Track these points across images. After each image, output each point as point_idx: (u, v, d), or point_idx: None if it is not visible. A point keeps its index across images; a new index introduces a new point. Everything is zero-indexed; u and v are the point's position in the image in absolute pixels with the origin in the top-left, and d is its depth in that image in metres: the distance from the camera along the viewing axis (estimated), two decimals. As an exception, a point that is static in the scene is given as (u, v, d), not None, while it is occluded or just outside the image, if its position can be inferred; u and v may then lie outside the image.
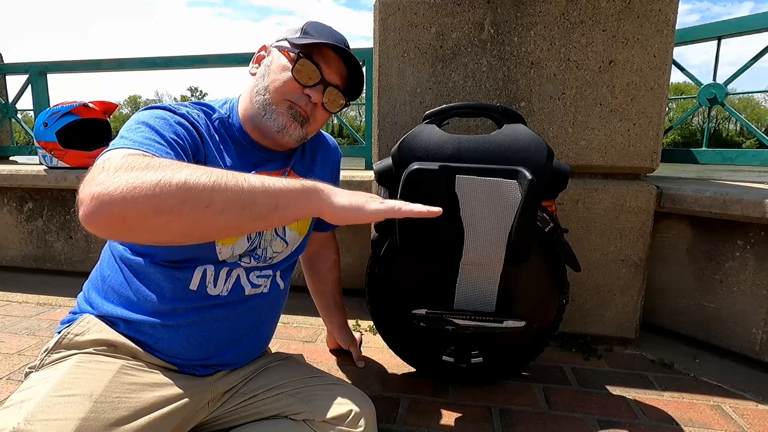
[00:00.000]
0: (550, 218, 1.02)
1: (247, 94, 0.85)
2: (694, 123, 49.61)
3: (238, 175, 0.59)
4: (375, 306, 1.14)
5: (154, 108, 0.76)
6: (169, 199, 0.52)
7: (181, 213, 0.53)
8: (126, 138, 0.66)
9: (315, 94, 0.81)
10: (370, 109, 1.91)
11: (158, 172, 0.53)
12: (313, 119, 0.85)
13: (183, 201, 0.53)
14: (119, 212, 0.51)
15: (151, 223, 0.53)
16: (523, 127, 1.02)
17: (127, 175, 0.52)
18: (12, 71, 2.54)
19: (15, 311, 1.67)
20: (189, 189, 0.53)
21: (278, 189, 0.61)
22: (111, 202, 0.50)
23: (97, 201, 0.51)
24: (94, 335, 0.76)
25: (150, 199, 0.51)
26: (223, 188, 0.56)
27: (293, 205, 0.63)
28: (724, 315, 1.38)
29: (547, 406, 1.09)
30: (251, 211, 0.58)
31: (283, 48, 0.82)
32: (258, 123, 0.83)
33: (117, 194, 0.50)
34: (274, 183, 0.61)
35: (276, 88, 0.80)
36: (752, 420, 1.05)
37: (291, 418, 0.80)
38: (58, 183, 2.01)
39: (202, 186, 0.54)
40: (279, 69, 0.81)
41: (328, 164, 1.03)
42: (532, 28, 1.32)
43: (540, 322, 1.09)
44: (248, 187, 0.58)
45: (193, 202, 0.53)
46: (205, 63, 2.31)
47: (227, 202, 0.56)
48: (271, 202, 0.60)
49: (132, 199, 0.50)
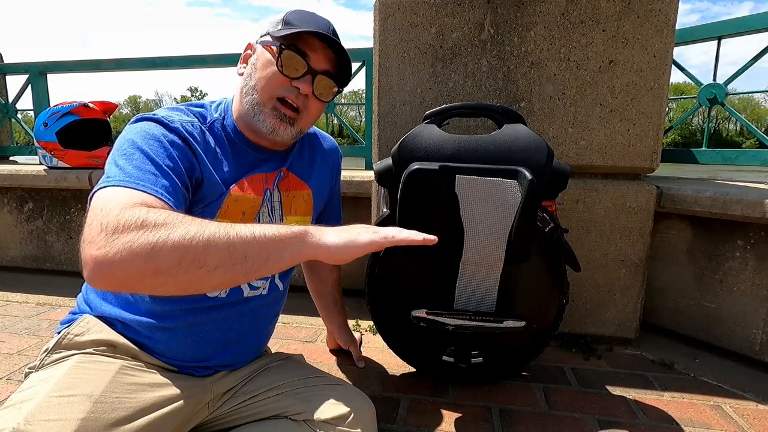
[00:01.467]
0: (550, 218, 1.02)
1: (238, 95, 0.84)
2: (694, 123, 49.60)
3: (230, 230, 0.59)
4: (375, 306, 1.14)
5: (147, 120, 0.75)
6: (165, 262, 0.55)
7: (177, 274, 0.56)
8: (121, 169, 0.65)
9: (304, 85, 0.78)
10: (370, 109, 1.90)
11: (153, 232, 0.55)
12: (305, 112, 0.82)
13: (178, 263, 0.55)
14: (120, 275, 0.54)
15: (149, 283, 0.56)
16: (523, 127, 1.02)
17: (124, 237, 0.54)
18: (12, 71, 2.54)
19: (15, 311, 1.67)
20: (183, 250, 0.55)
21: (269, 239, 0.61)
22: (111, 267, 0.54)
23: (98, 266, 0.54)
24: (93, 335, 0.76)
25: (147, 262, 0.54)
26: (215, 246, 0.57)
27: (285, 252, 0.63)
28: (724, 315, 1.38)
29: (547, 406, 1.09)
30: (243, 266, 0.59)
31: (266, 43, 0.80)
32: (249, 123, 0.82)
33: (116, 259, 0.53)
34: (265, 233, 0.62)
35: (263, 86, 0.79)
36: (752, 420, 1.05)
37: (291, 419, 0.80)
38: (58, 183, 2.01)
39: (195, 246, 0.56)
40: (264, 65, 0.79)
41: (327, 166, 1.02)
42: (532, 28, 1.32)
43: (540, 322, 1.09)
44: (240, 243, 0.59)
45: (187, 263, 0.56)
46: (205, 63, 2.31)
47: (220, 260, 0.58)
48: (262, 254, 0.61)
49: (130, 263, 0.54)
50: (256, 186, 0.84)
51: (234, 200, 0.80)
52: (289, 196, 0.91)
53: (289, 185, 0.91)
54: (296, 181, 0.93)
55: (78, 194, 2.11)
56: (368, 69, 2.01)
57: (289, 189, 0.91)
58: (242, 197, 0.82)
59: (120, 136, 0.73)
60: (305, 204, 0.95)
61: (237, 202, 0.81)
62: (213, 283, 0.59)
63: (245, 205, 0.82)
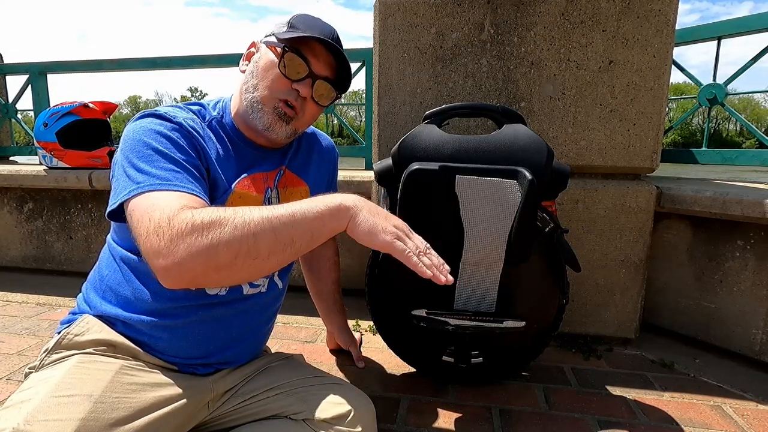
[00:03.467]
0: (550, 218, 1.02)
1: (238, 92, 0.85)
2: (694, 123, 49.61)
3: (272, 217, 0.64)
4: (375, 306, 1.14)
5: (150, 116, 0.75)
6: (224, 258, 0.61)
7: (236, 266, 0.63)
8: (146, 173, 0.68)
9: (303, 88, 0.80)
10: (370, 109, 1.91)
11: (206, 234, 0.61)
12: (302, 114, 0.83)
13: (235, 257, 0.62)
14: (188, 276, 0.62)
15: (215, 278, 0.64)
16: (523, 127, 1.02)
17: (183, 244, 0.61)
18: (12, 71, 2.54)
19: (15, 311, 1.67)
20: (236, 245, 0.62)
21: (312, 218, 0.67)
22: (179, 272, 0.61)
23: (168, 273, 0.62)
24: (93, 335, 0.76)
25: (207, 262, 0.61)
26: (263, 236, 0.63)
27: (326, 228, 0.69)
28: (724, 315, 1.38)
29: (546, 406, 1.09)
30: (292, 248, 0.66)
31: (270, 44, 0.81)
32: (247, 120, 0.83)
33: (181, 265, 0.61)
34: (305, 213, 0.67)
35: (265, 85, 0.80)
36: (752, 420, 1.05)
37: (291, 418, 0.80)
38: (58, 183, 2.01)
39: (246, 239, 0.62)
40: (267, 65, 0.80)
41: (324, 164, 1.02)
42: (532, 28, 1.32)
43: (540, 322, 1.09)
44: (284, 228, 0.65)
45: (243, 256, 0.62)
46: (205, 63, 2.31)
47: (270, 248, 0.64)
48: (306, 234, 0.67)
49: (194, 265, 0.61)
50: (258, 184, 0.85)
51: (238, 197, 0.81)
52: (286, 192, 0.91)
53: (287, 182, 0.92)
54: (293, 178, 0.93)
55: (78, 194, 2.11)
56: (368, 69, 2.01)
57: (286, 186, 0.91)
58: (246, 195, 0.82)
59: (126, 136, 0.74)
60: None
61: (241, 199, 0.82)
62: (270, 266, 0.66)
63: (248, 203, 0.83)
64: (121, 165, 0.71)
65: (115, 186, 0.71)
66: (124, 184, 0.69)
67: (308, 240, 0.67)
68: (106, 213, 0.72)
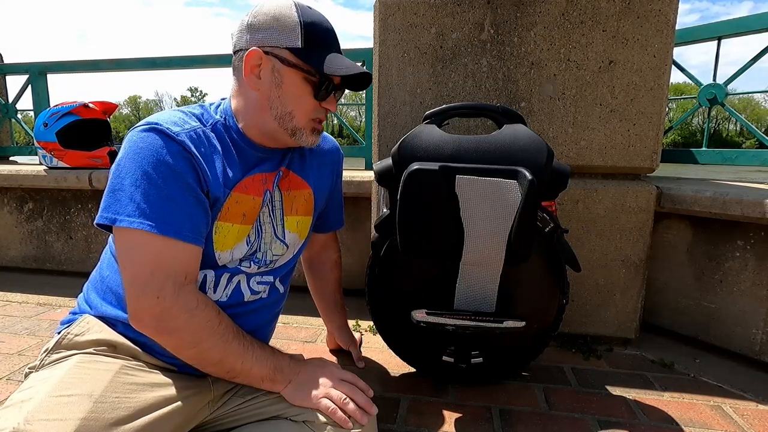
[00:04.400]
0: (550, 218, 1.02)
1: (256, 111, 0.81)
2: (694, 123, 49.57)
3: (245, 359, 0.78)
4: (375, 306, 1.14)
5: (151, 131, 0.73)
6: (190, 350, 0.75)
7: (193, 360, 0.77)
8: (146, 203, 0.70)
9: (332, 106, 0.85)
10: (370, 109, 1.91)
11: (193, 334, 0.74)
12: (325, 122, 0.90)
13: (199, 360, 0.77)
14: (148, 332, 0.74)
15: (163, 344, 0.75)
16: (523, 127, 1.02)
17: (172, 324, 0.72)
18: (12, 71, 2.54)
19: (15, 311, 1.67)
20: (204, 349, 0.75)
21: (255, 379, 0.80)
22: (152, 333, 0.74)
23: (142, 326, 0.73)
24: (94, 335, 0.76)
25: (184, 350, 0.75)
26: (228, 363, 0.77)
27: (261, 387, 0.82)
28: (724, 315, 1.38)
29: (546, 406, 1.09)
30: (231, 376, 0.80)
31: (289, 63, 0.77)
32: (281, 139, 0.85)
33: (166, 338, 0.74)
34: (257, 371, 0.79)
35: (303, 113, 0.82)
36: (752, 420, 1.05)
37: (291, 419, 0.80)
38: (58, 183, 2.01)
39: (217, 360, 0.77)
40: (299, 93, 0.80)
41: (327, 164, 1.02)
42: (532, 29, 1.32)
43: (540, 322, 1.09)
44: (240, 370, 0.78)
45: (204, 363, 0.78)
46: (205, 63, 2.31)
47: (221, 370, 0.78)
48: (245, 381, 0.81)
49: (167, 339, 0.74)
50: (256, 187, 0.84)
51: (234, 202, 0.81)
52: (290, 195, 0.91)
53: (290, 184, 0.91)
54: (297, 180, 0.93)
55: (78, 194, 2.11)
56: (368, 69, 2.01)
57: (290, 188, 0.91)
58: (243, 199, 0.82)
59: (126, 154, 0.72)
60: (306, 203, 0.95)
61: (238, 204, 0.81)
62: (207, 369, 0.79)
63: (246, 207, 0.82)
64: (119, 181, 0.70)
65: (107, 199, 0.71)
66: (118, 201, 0.70)
67: (245, 382, 0.81)
68: (96, 221, 0.72)
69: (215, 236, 0.79)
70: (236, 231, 0.82)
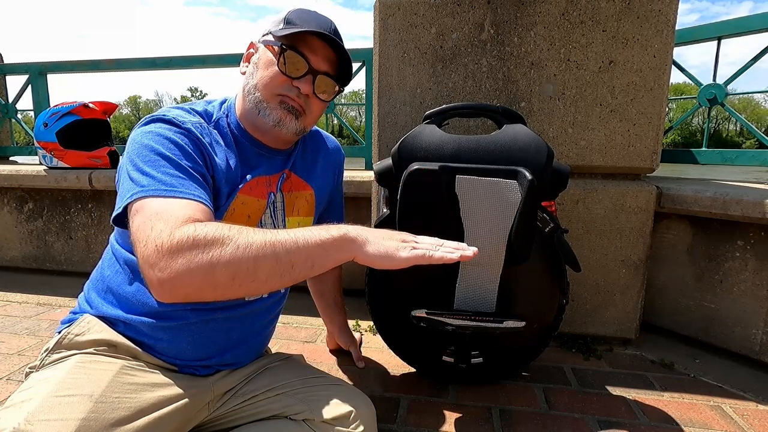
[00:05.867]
0: (550, 218, 1.02)
1: (241, 94, 0.84)
2: (694, 123, 49.54)
3: (276, 242, 0.63)
4: (375, 306, 1.14)
5: (158, 121, 0.75)
6: (221, 278, 0.60)
7: (233, 287, 0.62)
8: (151, 177, 0.68)
9: (304, 85, 0.79)
10: (370, 109, 1.91)
11: (207, 252, 0.60)
12: (308, 111, 0.83)
13: (232, 278, 0.61)
14: (182, 292, 0.61)
15: (209, 296, 0.62)
16: (523, 127, 1.02)
17: (182, 259, 0.59)
18: (12, 71, 2.54)
19: (15, 311, 1.67)
20: (235, 267, 0.60)
21: (313, 246, 0.66)
22: (174, 286, 0.60)
23: (162, 287, 0.60)
24: (94, 335, 0.76)
25: (204, 281, 0.60)
26: (264, 260, 0.62)
27: (329, 259, 0.68)
28: (724, 315, 1.38)
29: (546, 406, 1.09)
30: (291, 275, 0.65)
31: (268, 42, 0.80)
32: (254, 120, 0.82)
33: (178, 280, 0.59)
34: (308, 240, 0.66)
35: (264, 84, 0.79)
36: (752, 420, 1.05)
37: (291, 419, 0.80)
38: (58, 183, 2.01)
39: (246, 262, 0.61)
40: (266, 64, 0.80)
41: (329, 166, 1.02)
42: (532, 29, 1.32)
43: (540, 322, 1.09)
44: (285, 254, 0.64)
45: (241, 278, 0.61)
46: (205, 63, 2.31)
47: (269, 273, 0.63)
48: (308, 262, 0.66)
49: (191, 282, 0.60)
50: (260, 189, 0.84)
51: (241, 203, 0.81)
52: (291, 196, 0.91)
53: (292, 186, 0.91)
54: (298, 181, 0.93)
55: (78, 194, 2.11)
56: (368, 69, 2.01)
57: (291, 190, 0.91)
58: (248, 200, 0.82)
59: (133, 140, 0.73)
60: (307, 204, 0.95)
61: (243, 205, 0.82)
62: (266, 290, 0.67)
63: (251, 208, 0.83)
64: (126, 169, 0.71)
65: (120, 190, 0.71)
66: (128, 187, 0.69)
67: (309, 268, 0.66)
68: (112, 218, 0.72)
69: None
70: None
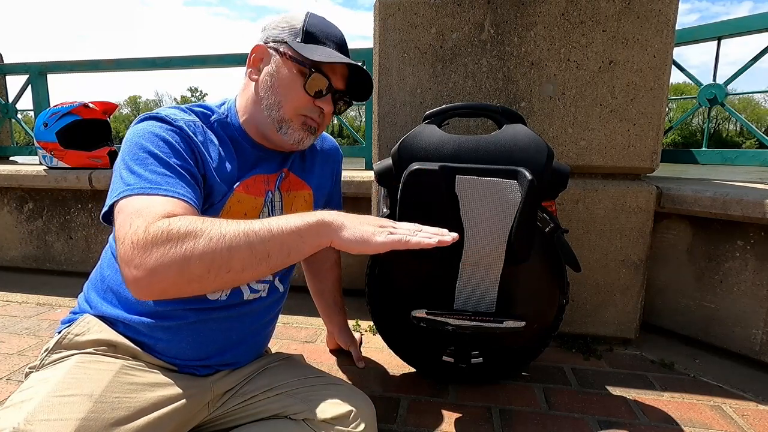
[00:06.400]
0: (550, 218, 1.02)
1: (251, 103, 0.83)
2: (694, 123, 49.60)
3: (249, 231, 0.63)
4: (375, 306, 1.14)
5: (151, 119, 0.75)
6: (196, 271, 0.60)
7: (208, 280, 0.62)
8: (138, 175, 0.68)
9: (327, 106, 0.83)
10: (370, 109, 1.91)
11: (179, 245, 0.60)
12: (323, 126, 0.87)
13: (207, 270, 0.61)
14: (159, 287, 0.61)
15: (186, 289, 0.62)
16: (523, 127, 1.02)
17: (156, 253, 0.59)
18: (12, 71, 2.54)
19: (15, 311, 1.67)
20: (209, 259, 0.61)
21: (288, 234, 0.66)
22: (150, 282, 0.60)
23: (138, 283, 0.61)
24: (94, 335, 0.76)
25: (179, 275, 0.60)
26: (238, 250, 0.62)
27: (306, 245, 0.68)
28: (724, 315, 1.38)
29: (546, 406, 1.09)
30: (267, 264, 0.65)
31: (286, 55, 0.79)
32: (267, 133, 0.83)
33: (152, 275, 0.60)
34: (282, 228, 0.65)
35: (291, 106, 0.81)
36: (752, 420, 1.05)
37: (291, 418, 0.80)
38: (58, 183, 2.01)
39: (219, 253, 0.61)
40: (289, 83, 0.80)
41: (328, 165, 1.03)
42: (532, 29, 1.32)
43: (540, 322, 1.09)
44: (260, 243, 0.63)
45: (215, 270, 0.61)
46: (205, 63, 2.31)
47: (244, 263, 0.63)
48: (284, 250, 0.66)
49: (165, 277, 0.60)
50: (258, 187, 0.84)
51: (237, 201, 0.81)
52: (290, 196, 0.91)
53: (290, 185, 0.91)
54: (297, 181, 0.93)
55: (78, 194, 2.11)
56: (368, 69, 2.01)
57: (290, 189, 0.91)
58: (245, 198, 0.82)
59: (127, 139, 0.74)
60: (306, 204, 0.95)
61: (240, 203, 0.81)
62: (243, 280, 0.67)
63: (247, 206, 0.83)
64: (117, 168, 0.72)
65: (110, 189, 0.71)
66: (116, 185, 0.69)
67: (285, 256, 0.66)
68: (101, 216, 0.72)
69: None
70: None
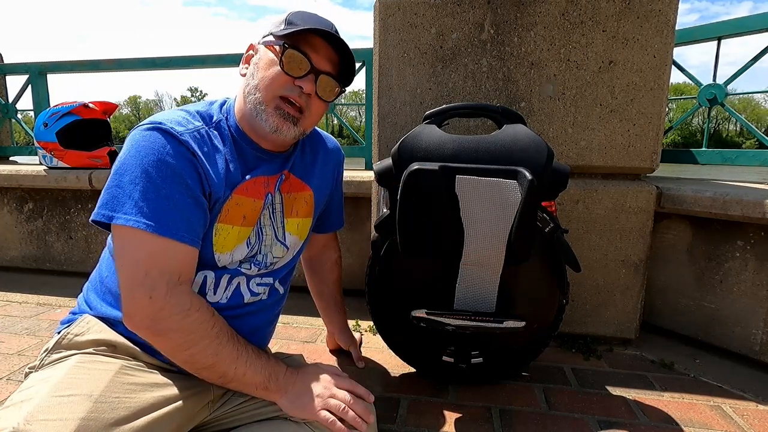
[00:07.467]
0: (550, 218, 1.02)
1: (241, 95, 0.83)
2: (694, 123, 49.53)
3: (233, 360, 0.76)
4: (375, 306, 1.14)
5: (155, 130, 0.73)
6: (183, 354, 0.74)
7: (186, 363, 0.75)
8: (139, 206, 0.70)
9: (307, 84, 0.78)
10: (370, 109, 1.91)
11: (190, 350, 0.73)
12: (308, 112, 0.82)
13: (192, 363, 0.75)
14: (142, 334, 0.73)
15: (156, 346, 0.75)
16: (523, 127, 1.02)
17: (163, 324, 0.71)
18: (12, 71, 2.54)
19: (15, 311, 1.67)
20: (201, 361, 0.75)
21: (248, 383, 0.78)
22: (145, 335, 0.73)
23: (135, 328, 0.72)
24: (93, 335, 0.76)
25: (176, 352, 0.74)
26: (219, 366, 0.75)
27: (251, 393, 0.81)
28: (724, 315, 1.38)
29: (546, 406, 1.09)
30: (224, 382, 0.78)
31: (269, 43, 0.80)
32: (252, 123, 0.81)
33: (151, 336, 0.73)
34: (249, 379, 0.78)
35: (266, 85, 0.78)
36: (752, 420, 1.05)
37: (290, 419, 0.80)
38: (58, 183, 2.01)
39: (210, 363, 0.75)
40: (267, 64, 0.79)
41: (329, 166, 1.02)
42: (532, 29, 1.32)
43: (540, 322, 1.09)
44: (230, 369, 0.76)
45: (198, 366, 0.76)
46: (205, 63, 2.31)
47: (212, 375, 0.77)
48: (232, 384, 0.79)
49: (159, 341, 0.74)
50: (258, 189, 0.84)
51: (235, 204, 0.81)
52: (290, 198, 0.91)
53: (291, 187, 0.91)
54: (297, 182, 0.92)
55: (78, 194, 2.11)
56: (368, 69, 2.01)
57: (290, 191, 0.91)
58: (244, 201, 0.82)
59: (127, 152, 0.72)
60: (306, 205, 0.95)
61: (238, 206, 0.81)
62: (200, 373, 0.77)
63: (246, 209, 0.82)
64: (117, 178, 0.71)
65: (105, 196, 0.71)
66: (113, 202, 0.69)
67: (232, 386, 0.80)
68: (91, 218, 0.72)
69: (215, 238, 0.79)
70: (236, 233, 0.82)
